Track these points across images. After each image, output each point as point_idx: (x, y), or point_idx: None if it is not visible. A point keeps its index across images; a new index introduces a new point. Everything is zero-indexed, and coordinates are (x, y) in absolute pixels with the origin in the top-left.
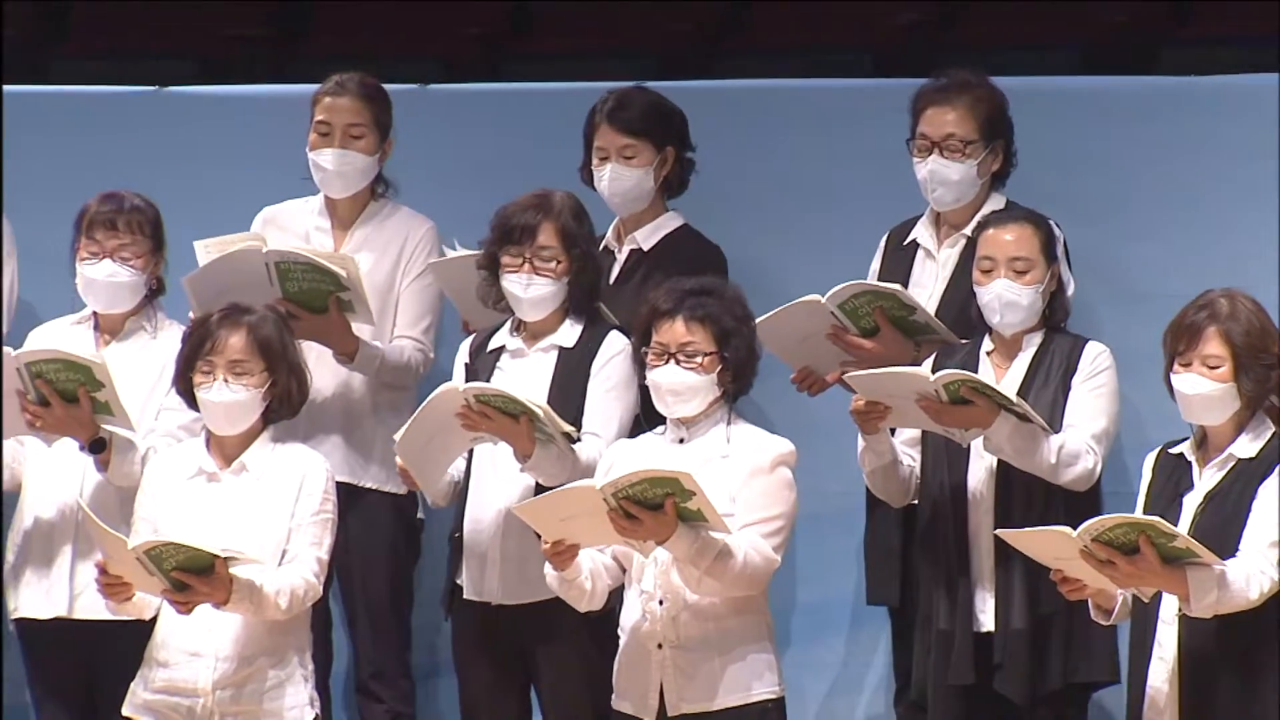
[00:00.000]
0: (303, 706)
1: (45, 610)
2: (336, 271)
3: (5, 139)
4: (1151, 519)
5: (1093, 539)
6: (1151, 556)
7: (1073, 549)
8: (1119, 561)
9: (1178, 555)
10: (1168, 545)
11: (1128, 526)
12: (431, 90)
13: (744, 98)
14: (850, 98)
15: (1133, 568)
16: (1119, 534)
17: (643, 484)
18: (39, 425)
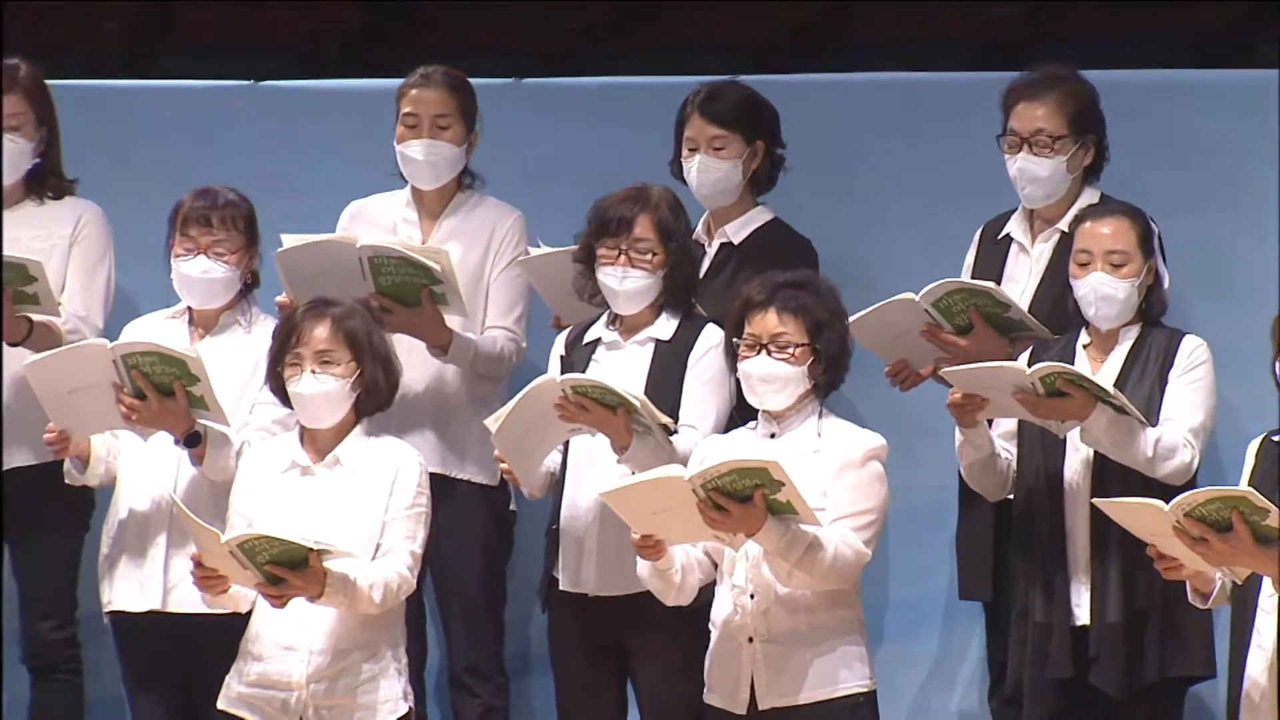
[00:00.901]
0: (396, 700)
1: (139, 604)
2: (429, 265)
3: (108, 132)
4: (1244, 490)
5: (1184, 514)
6: (1244, 534)
7: (1166, 524)
8: (1211, 539)
9: (1269, 535)
10: (1261, 524)
11: (1220, 502)
12: (526, 84)
13: (838, 92)
14: (945, 91)
15: (1225, 545)
16: (1212, 510)
17: (732, 475)
18: (134, 418)
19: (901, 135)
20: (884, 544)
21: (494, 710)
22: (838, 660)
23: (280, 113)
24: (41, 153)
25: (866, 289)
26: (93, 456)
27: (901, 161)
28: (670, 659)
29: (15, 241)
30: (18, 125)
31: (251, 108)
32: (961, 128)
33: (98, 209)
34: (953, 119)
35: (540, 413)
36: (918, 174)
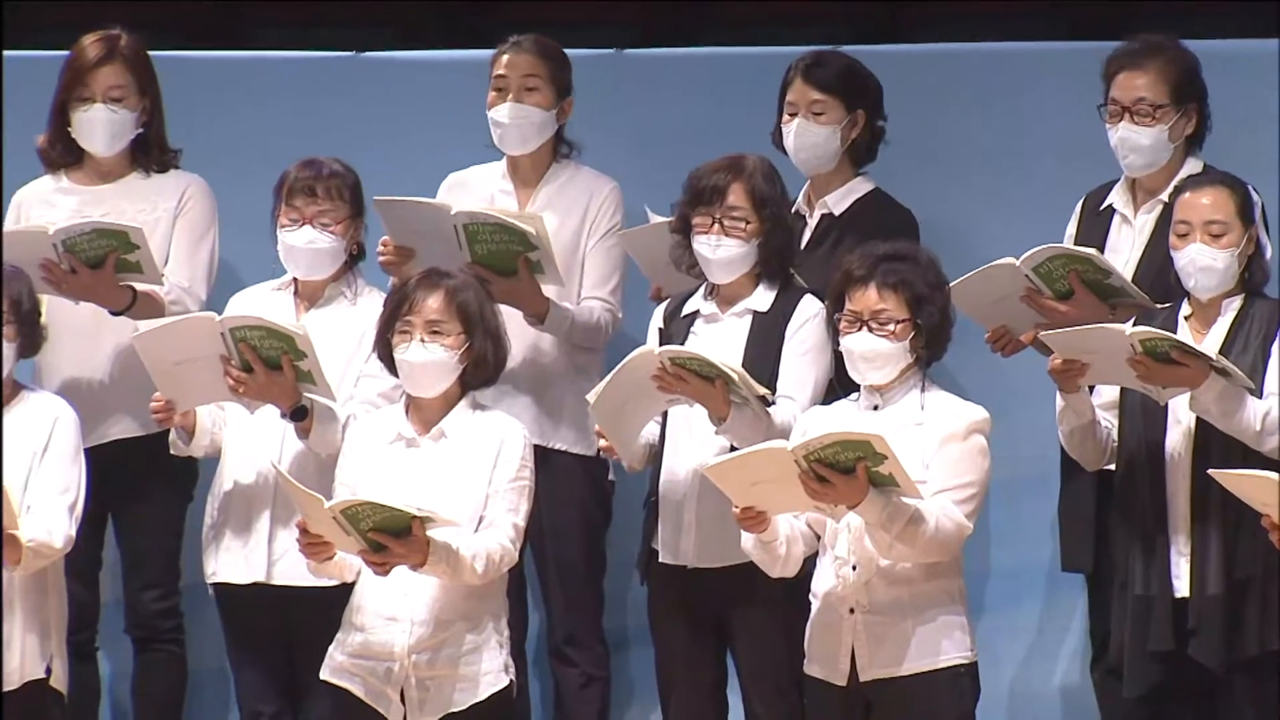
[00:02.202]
0: (498, 671)
1: (244, 575)
2: (525, 229)
3: (209, 103)
4: None
5: None
6: None
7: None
8: None
9: None
10: None
11: None
12: (627, 55)
13: (938, 61)
14: (1045, 60)
15: None
16: None
17: (834, 446)
18: (241, 391)
19: (1001, 104)
20: (985, 514)
21: (594, 680)
22: (939, 631)
23: (381, 84)
24: (144, 124)
25: (967, 259)
26: (198, 428)
27: (1001, 131)
28: (770, 631)
29: (121, 213)
30: (120, 97)
31: (353, 79)
32: (1061, 96)
33: (203, 181)
34: (1053, 88)
35: (638, 385)
36: (1016, 144)
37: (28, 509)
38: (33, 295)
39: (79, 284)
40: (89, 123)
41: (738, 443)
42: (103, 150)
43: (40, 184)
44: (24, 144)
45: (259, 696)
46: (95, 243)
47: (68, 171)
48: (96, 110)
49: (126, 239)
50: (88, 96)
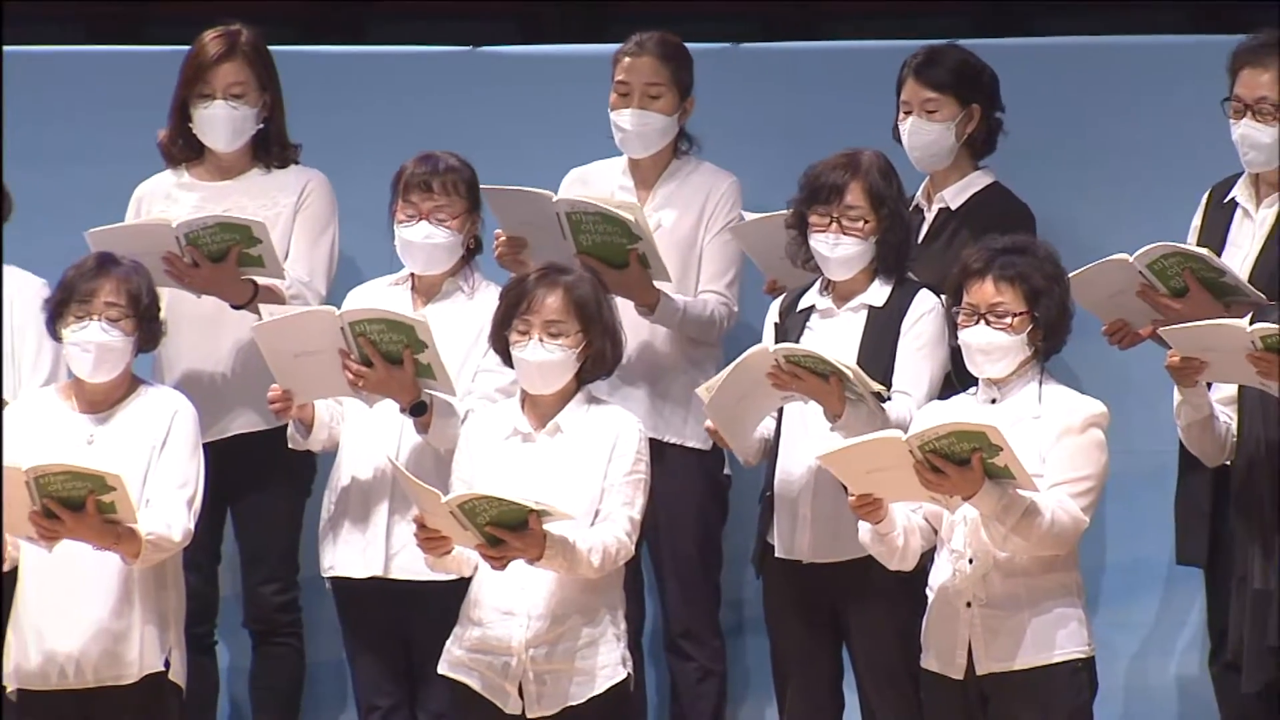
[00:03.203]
0: (615, 665)
1: (361, 570)
2: (625, 218)
3: (329, 98)
4: None
5: None
6: None
7: None
8: None
9: None
10: None
11: None
12: (744, 49)
13: (1059, 55)
14: (1166, 54)
15: None
16: None
17: (950, 437)
18: (360, 385)
19: (1122, 98)
20: (1102, 508)
21: (710, 674)
22: (1056, 625)
23: (499, 78)
24: (265, 120)
25: (1086, 252)
26: (316, 422)
27: (1121, 125)
28: (886, 625)
29: (242, 209)
30: (241, 93)
31: (472, 74)
32: (1183, 90)
33: (323, 177)
34: (1173, 81)
35: (753, 381)
36: (1137, 137)
37: (146, 503)
38: (152, 290)
39: (201, 277)
40: (210, 119)
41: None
42: (223, 147)
43: (161, 179)
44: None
45: (376, 690)
46: (218, 236)
47: (188, 167)
48: (217, 107)
49: (249, 233)
50: (208, 93)
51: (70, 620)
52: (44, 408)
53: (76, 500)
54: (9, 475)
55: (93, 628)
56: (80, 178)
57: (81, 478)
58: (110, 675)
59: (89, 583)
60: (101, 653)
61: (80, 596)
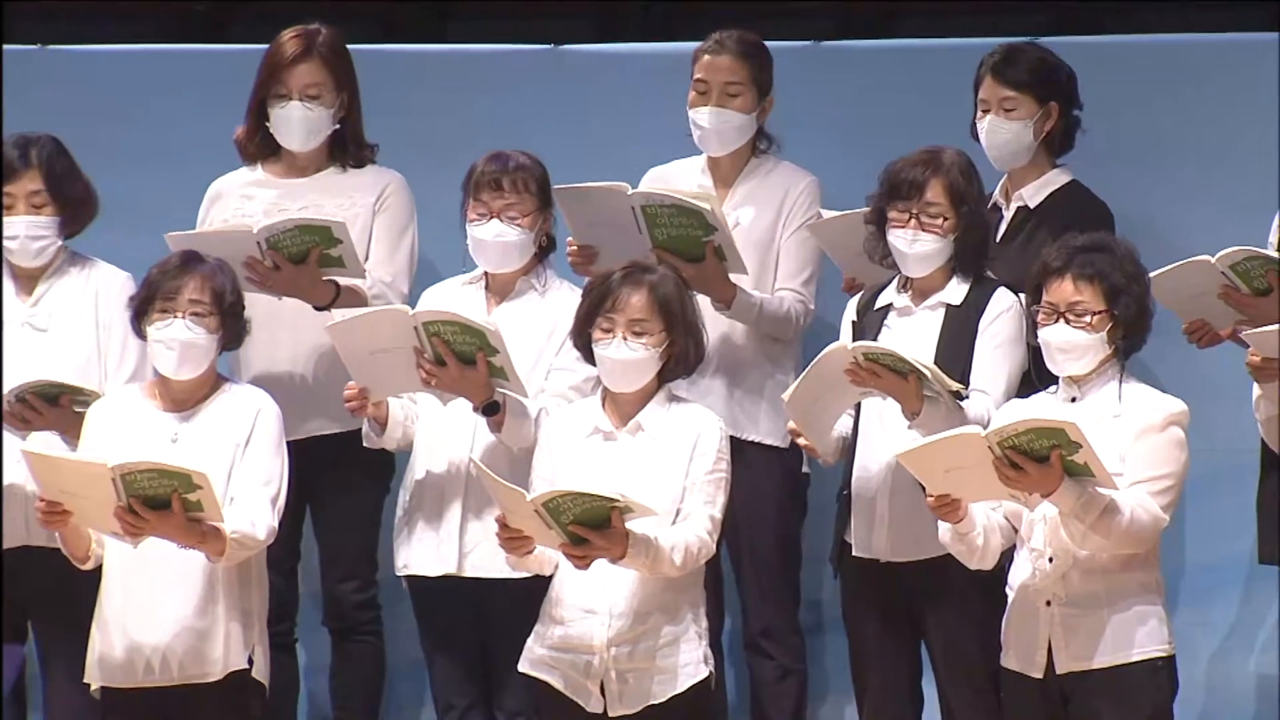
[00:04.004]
0: (697, 664)
1: (435, 568)
2: (700, 208)
3: (405, 97)
4: None
5: None
6: None
7: None
8: None
9: None
10: None
11: None
12: (823, 48)
13: (1138, 53)
14: (1248, 53)
15: None
16: None
17: (1029, 434)
18: (434, 384)
19: (1202, 97)
20: (1182, 506)
21: (790, 673)
22: (1136, 623)
23: (579, 77)
24: (341, 120)
25: (1165, 251)
26: (390, 420)
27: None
28: (964, 624)
29: (319, 208)
30: (317, 94)
31: (551, 72)
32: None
33: (401, 177)
34: (1254, 80)
35: (832, 379)
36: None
37: (230, 501)
38: (237, 289)
39: (283, 280)
40: (285, 120)
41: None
42: (299, 147)
43: (237, 175)
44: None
45: (454, 688)
46: (298, 238)
47: (265, 164)
48: (293, 107)
49: (329, 234)
50: (284, 93)
51: (155, 617)
52: (128, 406)
53: (162, 498)
54: (95, 471)
55: (177, 625)
56: (165, 176)
57: (168, 475)
58: (194, 672)
59: (174, 580)
60: (186, 650)
61: (165, 594)
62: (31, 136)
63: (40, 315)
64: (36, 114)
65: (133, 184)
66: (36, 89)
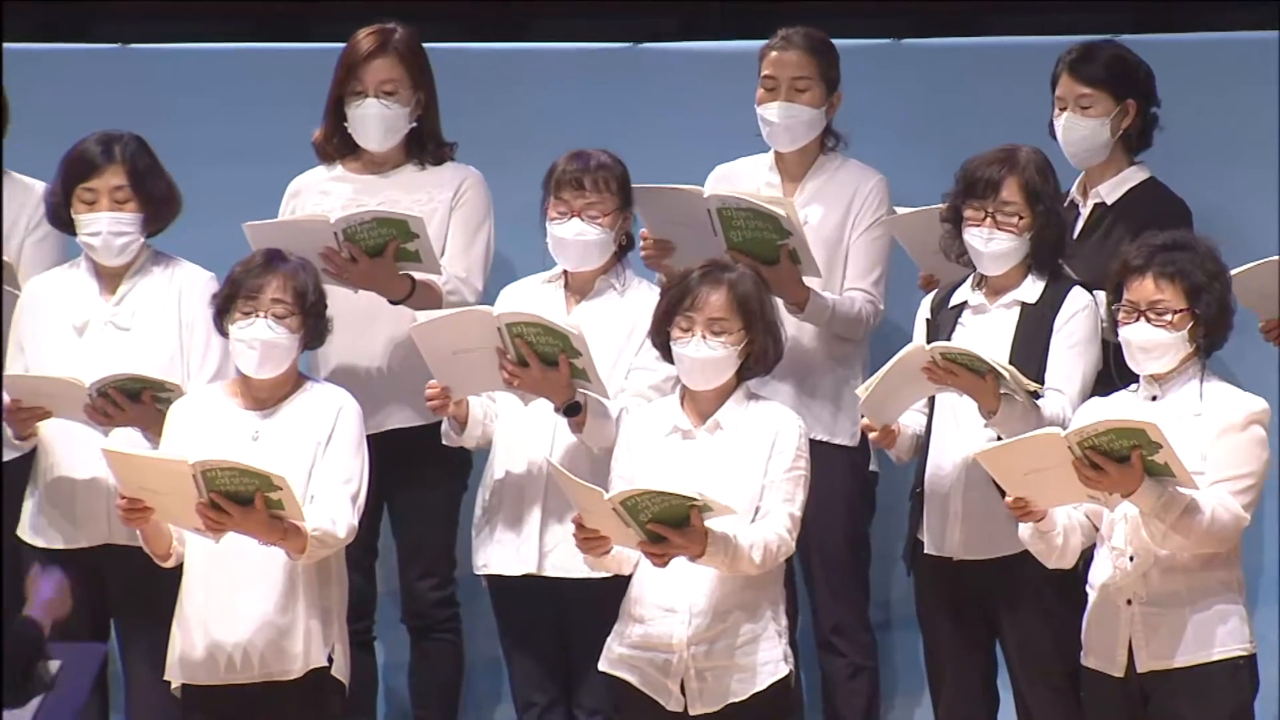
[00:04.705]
0: (777, 661)
1: (515, 567)
2: (776, 213)
3: (485, 95)
4: None
5: None
6: None
7: None
8: None
9: None
10: None
11: None
12: (904, 45)
13: (1216, 50)
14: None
15: None
16: None
17: (1109, 434)
18: (515, 384)
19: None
20: (1263, 505)
21: (862, 670)
22: (1217, 623)
23: (658, 75)
24: (418, 117)
25: (1240, 251)
26: (470, 419)
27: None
28: (1039, 622)
29: (396, 204)
30: (393, 90)
31: (630, 70)
32: None
33: (478, 174)
34: None
35: (908, 378)
36: None
37: (311, 499)
38: (319, 287)
39: (359, 272)
40: (362, 118)
41: (1006, 436)
42: (376, 145)
43: (316, 173)
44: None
45: (533, 686)
46: (375, 231)
47: (343, 162)
48: (369, 105)
49: (406, 228)
50: (360, 90)
51: (235, 614)
52: (210, 404)
53: (244, 495)
54: (176, 469)
55: (258, 622)
56: (247, 175)
57: (248, 475)
58: (274, 670)
59: (255, 577)
60: (266, 647)
61: (246, 591)
62: (115, 134)
63: (123, 314)
64: (119, 113)
65: (215, 182)
66: (119, 88)
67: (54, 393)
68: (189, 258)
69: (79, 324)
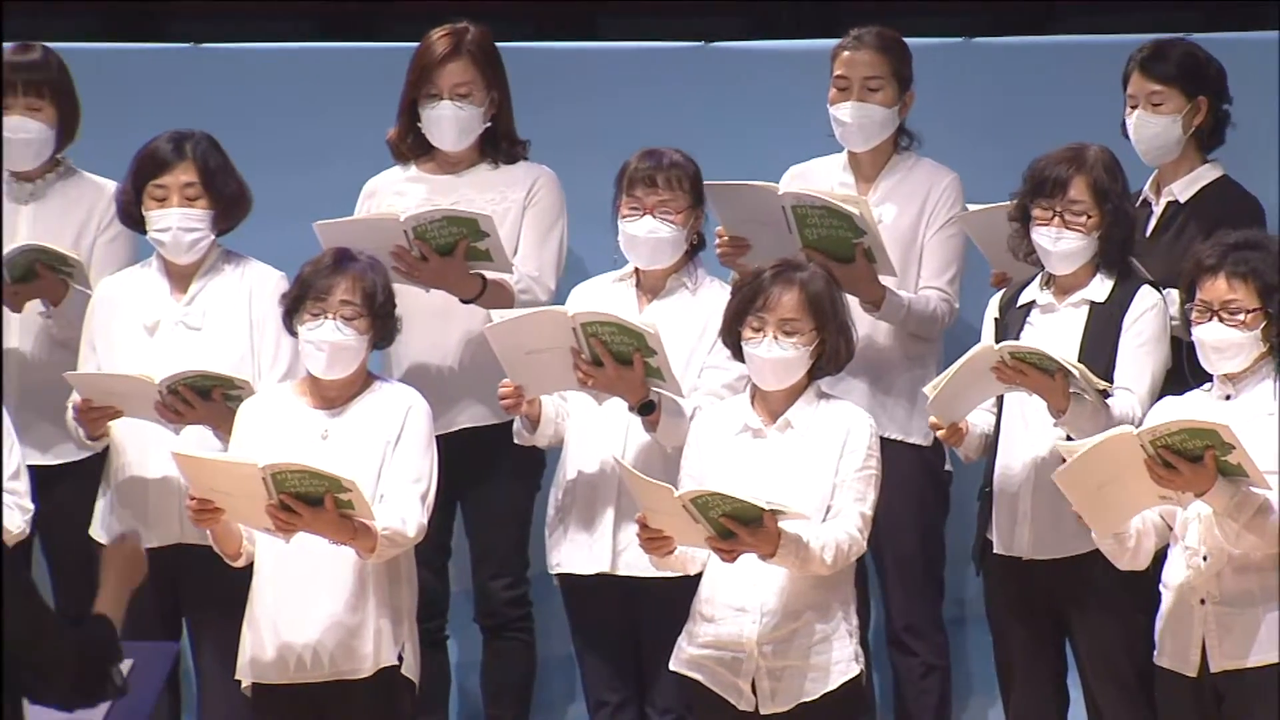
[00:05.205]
0: (848, 660)
1: (588, 566)
2: (850, 211)
3: (556, 94)
4: None
5: None
6: None
7: None
8: None
9: None
10: None
11: None
12: (974, 44)
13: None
14: None
15: None
16: None
17: (1182, 434)
18: (590, 383)
19: None
20: None
21: (934, 669)
22: None
23: (728, 74)
24: (492, 117)
25: None
26: (543, 418)
27: None
28: (1111, 622)
29: (470, 203)
30: (467, 93)
31: (700, 69)
32: None
33: (552, 173)
34: None
35: (976, 377)
36: None
37: (381, 498)
38: (388, 287)
39: (430, 271)
40: (436, 120)
41: (1076, 435)
42: (450, 146)
43: (391, 173)
44: (381, 135)
45: (605, 685)
46: (445, 230)
47: (418, 163)
48: (444, 107)
49: (476, 226)
50: (435, 93)
51: (306, 614)
52: (279, 403)
53: (314, 496)
54: (245, 471)
55: (328, 621)
56: (318, 175)
57: (318, 477)
58: (345, 669)
59: (324, 577)
60: (336, 646)
61: (316, 590)
62: (186, 132)
63: (194, 314)
64: (191, 113)
65: (286, 182)
66: (190, 87)
67: (124, 391)
68: (261, 258)
69: (150, 324)
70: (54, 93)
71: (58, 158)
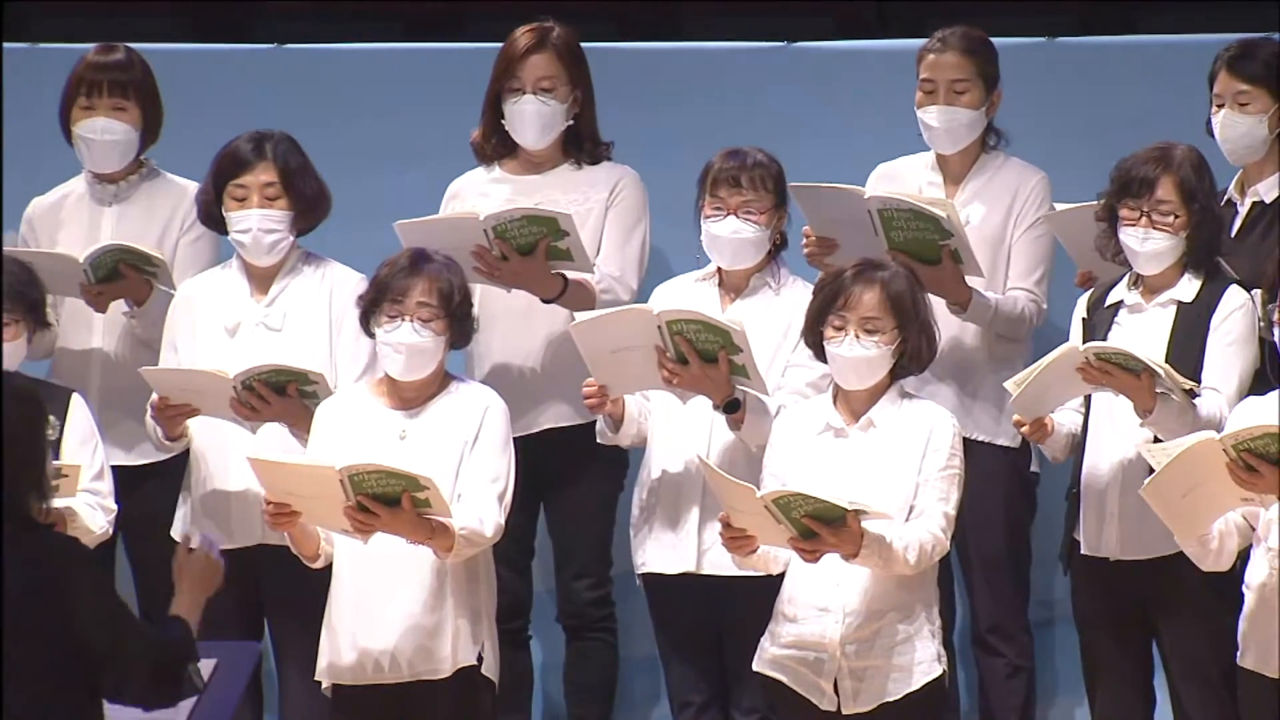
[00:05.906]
0: (931, 661)
1: (673, 565)
2: (936, 214)
3: (640, 94)
4: None
5: None
6: None
7: None
8: None
9: None
10: None
11: None
12: (1058, 44)
13: None
14: None
15: None
16: None
17: (1264, 438)
18: (675, 382)
19: None
20: None
21: (1019, 670)
22: None
23: (813, 74)
24: (575, 116)
25: None
26: (626, 417)
27: None
28: (1197, 624)
29: (553, 202)
30: (550, 88)
31: (785, 69)
32: None
33: (634, 173)
34: None
35: (1061, 377)
36: None
37: (458, 498)
38: (464, 287)
39: (510, 271)
40: (519, 114)
41: (1163, 435)
42: (533, 143)
43: (474, 174)
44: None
45: (689, 686)
46: (525, 229)
47: (501, 163)
48: (526, 101)
49: (556, 225)
50: (518, 87)
51: (384, 615)
52: (357, 404)
53: (391, 496)
54: (322, 474)
55: (406, 622)
56: (401, 176)
57: (395, 477)
58: (424, 670)
59: (403, 578)
60: (415, 647)
61: (394, 592)
62: (266, 132)
63: (274, 315)
64: (274, 113)
65: (368, 183)
66: (274, 89)
67: (200, 387)
68: (342, 260)
69: (230, 325)
70: (138, 94)
71: (141, 159)
